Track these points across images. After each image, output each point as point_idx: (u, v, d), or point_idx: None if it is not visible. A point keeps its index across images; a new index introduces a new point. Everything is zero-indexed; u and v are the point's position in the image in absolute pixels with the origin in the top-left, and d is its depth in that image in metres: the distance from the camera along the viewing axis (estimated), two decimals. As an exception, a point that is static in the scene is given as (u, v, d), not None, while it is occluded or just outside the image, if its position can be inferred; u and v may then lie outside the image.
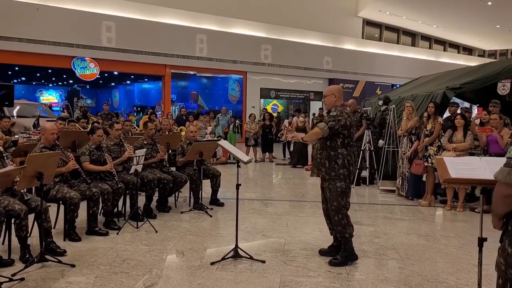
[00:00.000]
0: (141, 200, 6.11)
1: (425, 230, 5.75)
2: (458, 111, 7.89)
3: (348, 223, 4.33)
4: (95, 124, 6.94)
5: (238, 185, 4.59)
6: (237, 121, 13.81)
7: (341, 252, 4.37)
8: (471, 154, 6.85)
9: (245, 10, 20.76)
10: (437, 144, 7.15)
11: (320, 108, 14.32)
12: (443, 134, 7.14)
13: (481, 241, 2.94)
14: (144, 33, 17.48)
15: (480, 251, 2.96)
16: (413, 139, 7.67)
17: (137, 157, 5.63)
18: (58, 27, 15.72)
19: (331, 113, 4.35)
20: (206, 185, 7.05)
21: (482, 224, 2.94)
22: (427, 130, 7.27)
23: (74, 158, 5.27)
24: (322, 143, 4.34)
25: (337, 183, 4.28)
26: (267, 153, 13.62)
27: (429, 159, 7.14)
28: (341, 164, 4.26)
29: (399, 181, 7.95)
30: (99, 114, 12.90)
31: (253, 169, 11.91)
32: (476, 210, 6.81)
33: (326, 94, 4.53)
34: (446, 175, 2.85)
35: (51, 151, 4.85)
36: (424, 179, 7.40)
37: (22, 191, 4.42)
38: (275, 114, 18.58)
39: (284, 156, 14.47)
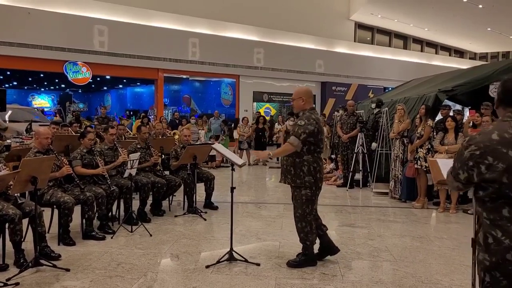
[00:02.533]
0: (135, 204, 6.10)
1: (419, 232, 5.79)
2: (451, 114, 7.95)
3: (311, 230, 4.28)
4: (88, 128, 6.93)
5: (232, 188, 4.60)
6: (221, 124, 13.83)
7: (301, 255, 4.38)
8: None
9: (238, 13, 20.77)
10: (427, 147, 7.19)
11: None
12: (435, 136, 7.19)
13: (475, 242, 2.97)
14: (137, 37, 17.43)
15: (474, 252, 2.97)
16: (405, 141, 7.72)
17: (131, 161, 5.62)
18: (50, 31, 15.62)
19: (298, 121, 4.23)
20: (200, 188, 7.05)
21: (475, 225, 2.96)
22: (418, 133, 7.32)
23: (68, 163, 5.26)
24: None
25: (302, 191, 4.23)
26: (260, 157, 13.62)
27: (419, 162, 7.19)
28: (307, 171, 4.17)
29: (392, 184, 8.00)
30: (95, 117, 12.85)
31: (246, 172, 11.92)
32: (469, 211, 6.86)
33: (293, 97, 4.39)
34: (439, 177, 2.88)
35: (45, 156, 4.84)
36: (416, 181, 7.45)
37: (16, 195, 4.41)
38: (268, 118, 18.59)
39: (278, 159, 14.44)
